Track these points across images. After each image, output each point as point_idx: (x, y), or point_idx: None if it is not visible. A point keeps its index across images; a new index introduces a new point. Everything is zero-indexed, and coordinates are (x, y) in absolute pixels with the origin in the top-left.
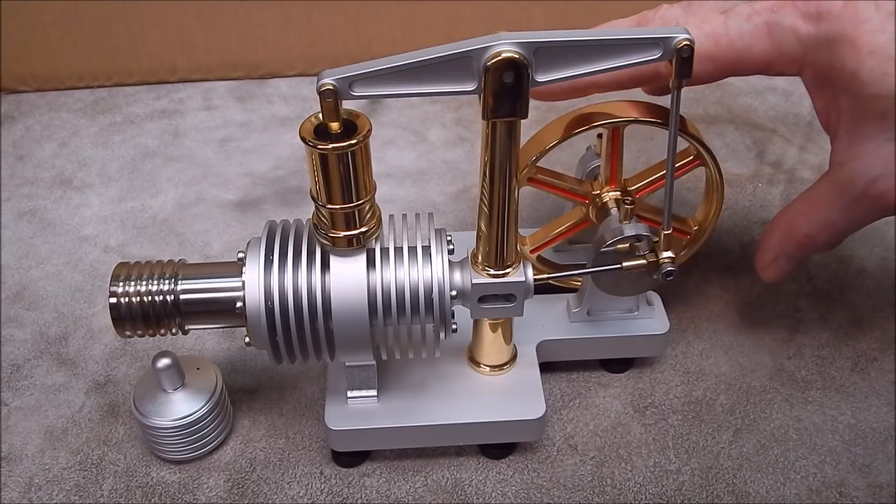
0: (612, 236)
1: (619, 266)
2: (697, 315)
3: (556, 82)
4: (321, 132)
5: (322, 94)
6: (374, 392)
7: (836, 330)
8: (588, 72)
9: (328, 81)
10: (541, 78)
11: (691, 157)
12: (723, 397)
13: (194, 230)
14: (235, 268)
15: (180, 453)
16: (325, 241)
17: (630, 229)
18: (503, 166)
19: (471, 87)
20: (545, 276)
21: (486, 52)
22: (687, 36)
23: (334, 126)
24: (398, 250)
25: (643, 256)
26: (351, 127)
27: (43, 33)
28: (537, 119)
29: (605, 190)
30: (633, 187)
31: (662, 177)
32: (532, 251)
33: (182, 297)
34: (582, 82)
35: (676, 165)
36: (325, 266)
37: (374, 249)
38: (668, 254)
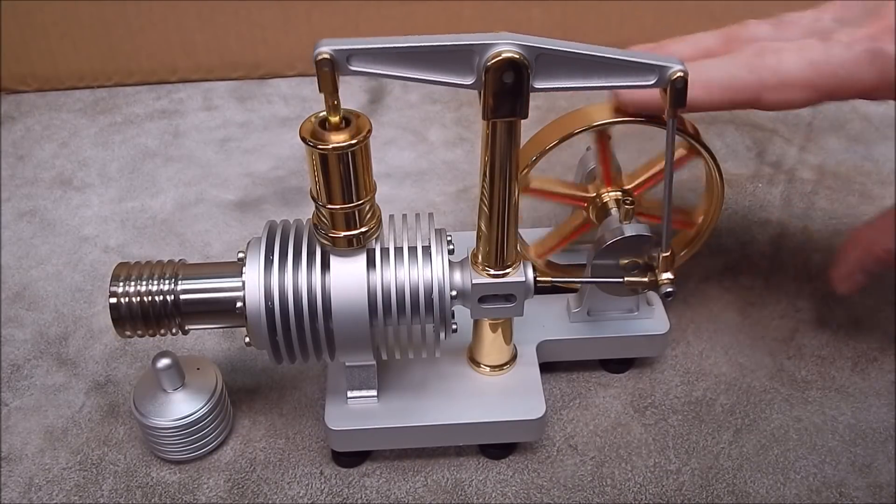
0: (612, 236)
1: (620, 281)
2: (697, 315)
3: (553, 91)
4: (321, 122)
5: (318, 63)
6: (374, 392)
7: (836, 330)
8: (584, 86)
9: (325, 50)
10: (538, 84)
11: (684, 154)
12: (723, 397)
13: (194, 230)
14: (235, 268)
15: (180, 453)
16: (325, 241)
17: (630, 229)
18: (503, 166)
19: (469, 81)
20: (547, 279)
21: (487, 50)
22: (682, 68)
23: (330, 100)
24: (398, 250)
25: (644, 274)
26: (350, 118)
27: (43, 33)
28: (537, 119)
29: (604, 190)
30: (630, 185)
31: (659, 172)
32: (539, 256)
33: (182, 297)
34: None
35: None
36: (325, 266)
37: (374, 249)
38: (668, 275)
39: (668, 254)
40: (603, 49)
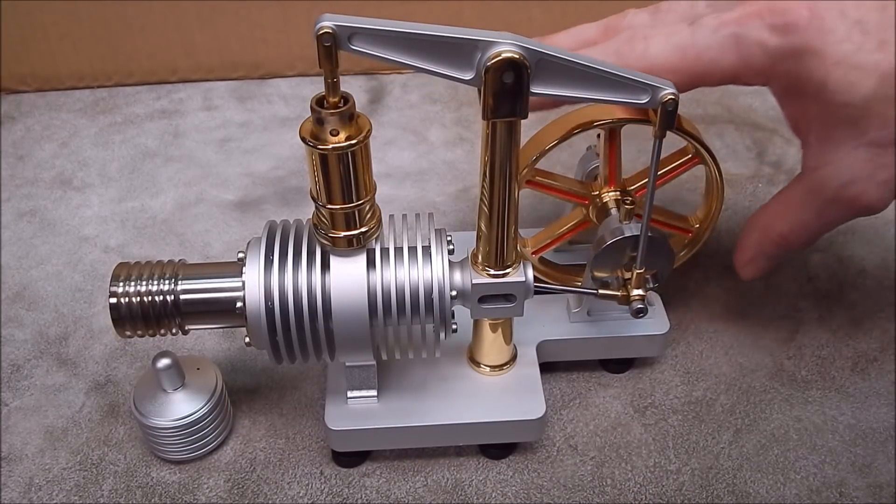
0: (612, 237)
1: (594, 292)
2: (697, 315)
3: (547, 97)
4: (319, 100)
5: (320, 37)
6: (374, 392)
7: (836, 330)
8: (579, 96)
9: (328, 25)
10: (535, 89)
11: (690, 156)
12: (723, 397)
13: (194, 230)
14: (235, 268)
15: (180, 453)
16: (325, 242)
17: (630, 229)
18: (503, 166)
19: (468, 76)
20: (543, 287)
21: (489, 47)
22: (674, 91)
23: (330, 78)
24: (398, 250)
25: (616, 290)
26: (349, 100)
27: (43, 33)
28: (537, 119)
29: (604, 190)
30: (633, 187)
31: (661, 175)
32: (534, 252)
33: (182, 297)
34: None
35: (677, 164)
36: (325, 266)
37: (374, 249)
38: (639, 292)
39: (641, 271)
40: (603, 63)
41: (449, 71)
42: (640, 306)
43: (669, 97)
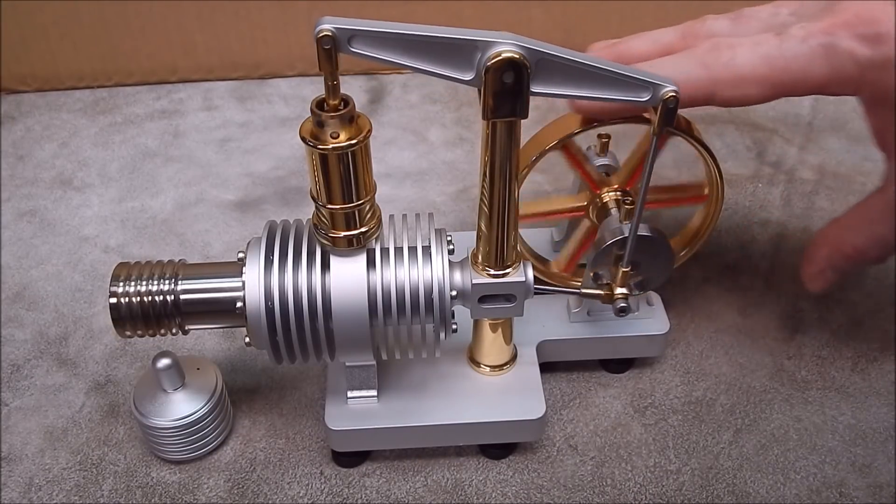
0: (612, 236)
1: (577, 291)
2: (697, 315)
3: (548, 97)
4: (319, 103)
5: (320, 40)
6: (374, 392)
7: (836, 330)
8: (579, 95)
9: (328, 28)
10: (535, 88)
11: (702, 193)
12: (723, 397)
13: (194, 230)
14: (235, 268)
15: (180, 453)
16: (325, 242)
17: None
18: (503, 166)
19: (468, 76)
20: (541, 288)
21: (489, 47)
22: (675, 88)
23: (329, 80)
24: (398, 250)
25: (600, 288)
26: (349, 102)
27: (43, 33)
28: (537, 119)
29: (605, 190)
30: (619, 183)
31: (664, 200)
32: (565, 272)
33: (182, 297)
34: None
35: (683, 195)
36: (325, 266)
37: (374, 249)
38: (622, 290)
39: (627, 269)
40: (603, 61)
41: (449, 72)
42: (622, 305)
43: (670, 94)
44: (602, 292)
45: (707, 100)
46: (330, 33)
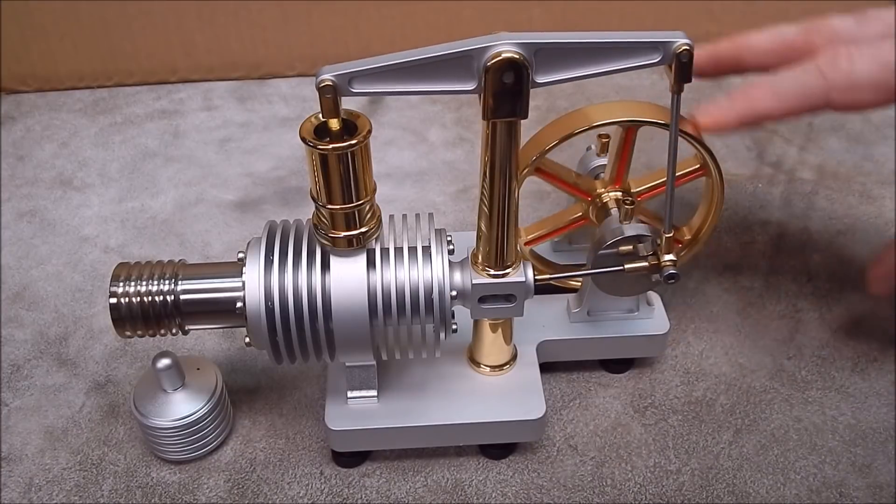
0: (612, 236)
1: (621, 268)
2: (697, 315)
3: (557, 83)
4: (321, 131)
5: (321, 90)
6: (374, 392)
7: (836, 330)
8: (588, 74)
9: (328, 77)
10: (541, 79)
11: (697, 167)
12: (723, 397)
13: (194, 230)
14: (235, 268)
15: (180, 453)
16: (325, 242)
17: (630, 230)
18: (503, 166)
19: (470, 86)
20: (546, 276)
21: (486, 52)
22: (686, 41)
23: (334, 123)
24: (398, 250)
25: (645, 258)
26: (351, 126)
27: (43, 33)
28: (537, 119)
29: (606, 190)
30: (636, 189)
31: (664, 182)
32: (526, 243)
33: (182, 297)
34: (752, 113)
35: (680, 173)
36: (325, 266)
37: (374, 250)
38: (670, 257)
39: (670, 234)
40: (600, 34)
41: (451, 87)
42: (672, 271)
43: (683, 48)
44: (647, 264)
45: (824, 106)
46: (330, 82)
